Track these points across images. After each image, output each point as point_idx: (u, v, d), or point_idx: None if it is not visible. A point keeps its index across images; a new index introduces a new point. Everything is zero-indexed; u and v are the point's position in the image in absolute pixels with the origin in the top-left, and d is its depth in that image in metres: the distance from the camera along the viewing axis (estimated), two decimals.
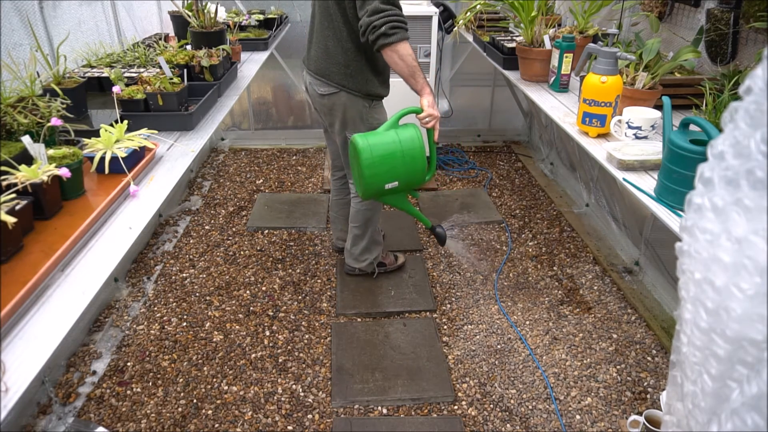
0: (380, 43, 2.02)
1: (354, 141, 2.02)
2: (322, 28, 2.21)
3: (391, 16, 1.99)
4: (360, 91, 2.24)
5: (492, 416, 2.03)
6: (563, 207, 3.40)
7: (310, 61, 2.33)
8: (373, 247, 2.66)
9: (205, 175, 3.83)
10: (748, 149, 0.55)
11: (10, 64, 1.68)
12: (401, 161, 2.03)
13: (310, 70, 2.33)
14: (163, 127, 1.92)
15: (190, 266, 2.83)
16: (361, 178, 2.04)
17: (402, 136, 2.04)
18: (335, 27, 2.16)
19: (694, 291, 0.63)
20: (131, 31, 3.13)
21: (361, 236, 2.60)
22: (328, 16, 2.17)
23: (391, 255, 2.82)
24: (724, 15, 2.02)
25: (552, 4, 2.95)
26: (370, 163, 1.99)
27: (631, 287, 2.67)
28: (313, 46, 2.29)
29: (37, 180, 1.29)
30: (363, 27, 2.03)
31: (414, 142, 2.04)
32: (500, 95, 4.31)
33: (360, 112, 2.29)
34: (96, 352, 2.27)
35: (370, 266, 2.69)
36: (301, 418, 2.01)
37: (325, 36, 2.20)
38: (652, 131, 1.84)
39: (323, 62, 2.24)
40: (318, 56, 2.25)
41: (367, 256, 2.66)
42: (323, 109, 2.36)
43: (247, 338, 2.37)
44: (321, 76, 2.26)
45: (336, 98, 2.27)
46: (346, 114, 2.29)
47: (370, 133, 2.05)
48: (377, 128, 2.17)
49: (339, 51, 2.19)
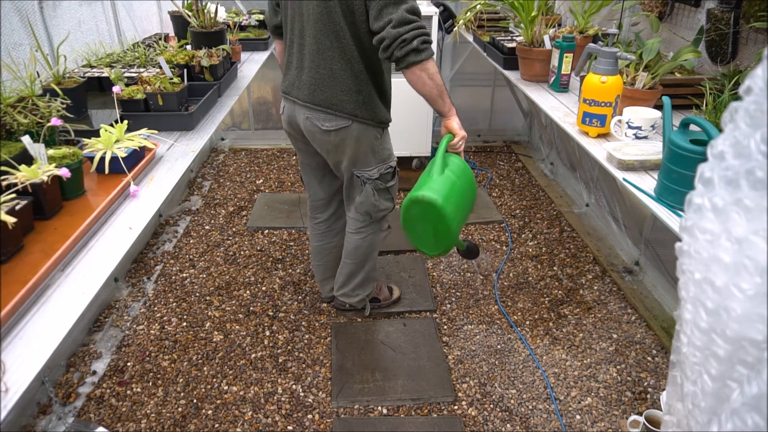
0: (410, 60, 1.73)
1: (425, 199, 1.68)
2: (323, 48, 1.82)
3: (420, 29, 1.72)
4: (373, 120, 1.94)
5: (492, 416, 2.03)
6: (563, 207, 3.40)
7: (301, 89, 1.91)
8: (368, 283, 2.41)
9: (205, 175, 3.83)
10: (748, 149, 0.55)
11: (10, 64, 1.68)
12: (467, 198, 1.82)
13: (302, 100, 1.92)
14: (163, 127, 1.92)
15: (190, 266, 2.83)
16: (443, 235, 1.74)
17: (455, 170, 1.79)
18: (343, 46, 1.81)
19: (694, 291, 0.63)
20: (131, 31, 3.13)
21: (356, 273, 2.34)
22: (332, 33, 1.80)
23: (386, 288, 2.56)
24: (724, 15, 2.02)
25: (552, 4, 2.95)
26: (453, 217, 1.70)
27: (631, 287, 2.67)
28: (306, 70, 1.88)
29: (37, 180, 1.29)
30: (387, 40, 1.71)
31: (466, 171, 1.83)
32: (500, 95, 4.31)
33: (372, 145, 1.99)
34: (96, 352, 2.27)
35: (361, 302, 2.44)
36: (301, 418, 2.01)
37: (328, 57, 1.83)
38: (652, 131, 1.84)
39: (328, 90, 1.87)
40: (318, 83, 1.87)
41: (359, 291, 2.40)
42: (326, 147, 1.99)
43: (247, 338, 2.37)
44: (325, 107, 1.88)
45: (346, 132, 1.92)
46: (358, 149, 1.97)
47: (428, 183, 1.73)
48: (387, 160, 2.04)
49: (348, 75, 1.85)
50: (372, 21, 1.74)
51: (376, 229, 2.26)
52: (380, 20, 1.71)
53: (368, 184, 2.07)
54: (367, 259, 2.32)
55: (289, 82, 1.97)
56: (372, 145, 1.99)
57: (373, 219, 2.20)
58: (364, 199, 2.12)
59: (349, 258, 2.32)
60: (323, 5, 1.76)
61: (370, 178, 2.06)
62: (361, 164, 2.03)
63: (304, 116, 1.94)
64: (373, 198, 2.11)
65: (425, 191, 1.69)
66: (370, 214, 2.17)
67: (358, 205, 2.15)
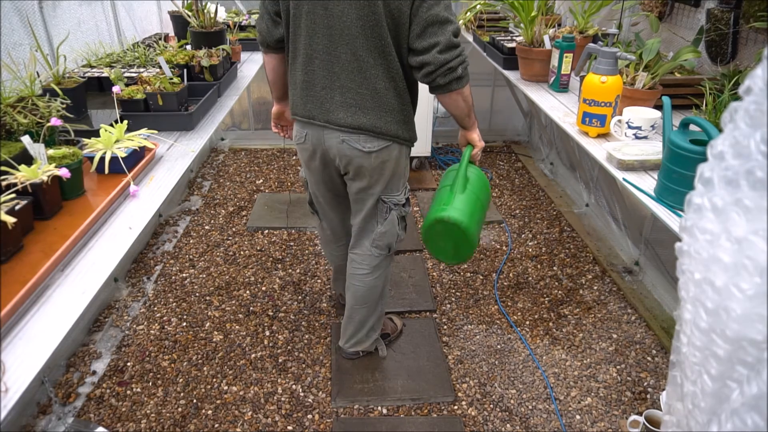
0: (452, 87, 1.65)
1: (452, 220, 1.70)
2: (366, 66, 1.63)
3: (464, 55, 1.63)
4: (409, 140, 1.82)
5: (492, 416, 2.03)
6: (563, 207, 3.40)
7: (334, 111, 1.70)
8: (380, 321, 2.20)
9: (205, 175, 3.83)
10: (748, 149, 0.55)
11: (10, 64, 1.68)
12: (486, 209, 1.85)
13: (338, 125, 1.71)
14: (163, 127, 1.92)
15: (190, 266, 2.83)
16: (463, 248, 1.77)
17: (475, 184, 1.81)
18: (389, 63, 1.64)
19: (694, 291, 0.63)
20: (131, 31, 3.13)
21: (370, 316, 2.12)
22: (377, 49, 1.61)
23: (390, 322, 2.38)
24: (724, 15, 2.02)
25: (552, 4, 2.95)
26: (475, 232, 1.74)
27: (631, 287, 2.67)
28: (340, 90, 1.68)
29: (37, 180, 1.29)
30: (432, 66, 1.59)
31: (485, 185, 1.85)
32: (500, 95, 4.32)
33: (404, 165, 1.86)
34: (96, 352, 2.27)
35: (374, 343, 2.23)
36: (301, 418, 2.01)
37: (372, 76, 1.65)
38: (652, 131, 1.84)
39: (371, 111, 1.69)
40: (359, 104, 1.68)
41: (372, 333, 2.19)
42: (363, 171, 1.79)
43: (247, 338, 2.37)
44: (367, 129, 1.70)
45: (387, 153, 1.77)
46: (396, 170, 1.83)
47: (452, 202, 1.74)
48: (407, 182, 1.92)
49: (393, 94, 1.69)
50: (414, 39, 1.60)
51: (389, 263, 2.07)
52: (424, 40, 1.58)
53: (394, 211, 1.91)
54: (381, 298, 2.10)
55: (312, 104, 1.73)
56: (404, 165, 1.87)
57: (390, 252, 2.01)
58: (387, 229, 1.93)
59: (359, 304, 2.08)
60: (368, 20, 1.58)
61: (398, 204, 1.90)
62: (392, 188, 1.87)
63: (338, 140, 1.74)
64: (397, 227, 1.94)
65: (451, 213, 1.70)
66: (390, 246, 1.98)
67: (379, 237, 1.95)
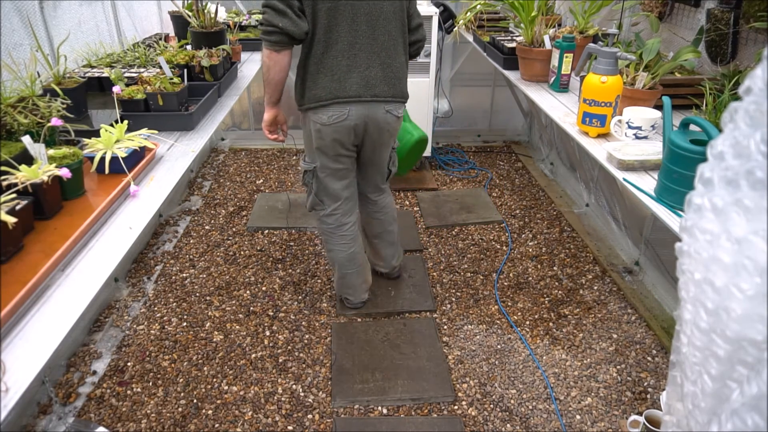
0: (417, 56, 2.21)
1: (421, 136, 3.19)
2: (396, 43, 2.03)
3: None
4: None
5: (492, 416, 2.03)
6: (563, 207, 3.40)
7: (379, 86, 2.01)
8: None
9: (205, 175, 3.83)
10: (748, 149, 0.55)
11: (11, 64, 1.68)
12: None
13: (384, 96, 2.04)
14: (163, 127, 1.92)
15: (190, 266, 2.83)
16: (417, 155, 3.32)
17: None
18: (405, 39, 2.08)
19: (694, 291, 0.63)
20: (131, 31, 3.13)
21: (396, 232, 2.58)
22: (399, 29, 2.03)
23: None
24: (724, 15, 2.02)
25: (552, 4, 2.95)
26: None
27: (631, 287, 2.67)
28: (381, 67, 2.00)
29: (38, 180, 1.29)
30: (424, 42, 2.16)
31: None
32: (500, 95, 4.31)
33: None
34: (96, 352, 2.27)
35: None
36: (301, 418, 2.01)
37: (399, 52, 2.05)
38: (652, 131, 1.84)
39: (401, 80, 2.09)
40: (395, 75, 2.05)
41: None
42: (391, 133, 2.18)
43: (247, 338, 2.37)
44: (401, 96, 2.10)
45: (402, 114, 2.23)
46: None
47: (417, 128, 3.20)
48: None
49: (405, 64, 2.11)
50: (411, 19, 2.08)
51: None
52: (417, 20, 2.11)
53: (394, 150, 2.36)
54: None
55: (358, 84, 1.97)
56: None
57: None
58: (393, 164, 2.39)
59: (394, 223, 2.52)
60: (397, 5, 2.00)
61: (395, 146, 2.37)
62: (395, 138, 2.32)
63: (383, 111, 2.06)
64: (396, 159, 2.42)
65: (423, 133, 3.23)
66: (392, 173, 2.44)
67: (389, 172, 2.38)
